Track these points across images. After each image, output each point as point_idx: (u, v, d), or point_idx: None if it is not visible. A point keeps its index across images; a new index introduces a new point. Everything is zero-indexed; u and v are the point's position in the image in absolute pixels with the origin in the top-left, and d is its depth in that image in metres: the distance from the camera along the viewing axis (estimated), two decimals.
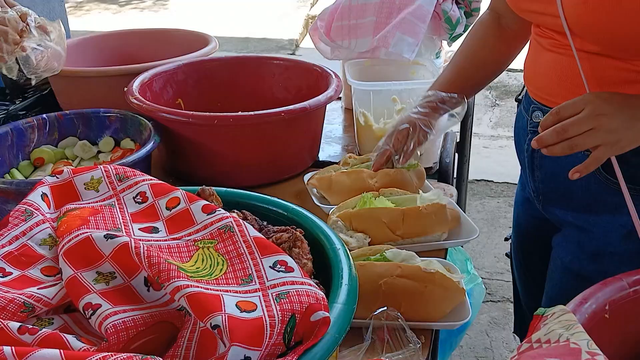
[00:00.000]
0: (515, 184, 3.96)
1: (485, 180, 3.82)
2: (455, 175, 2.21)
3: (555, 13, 1.09)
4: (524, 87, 1.38)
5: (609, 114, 1.02)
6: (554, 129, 1.03)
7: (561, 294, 1.30)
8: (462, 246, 2.21)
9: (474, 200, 3.62)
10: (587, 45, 1.10)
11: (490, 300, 2.90)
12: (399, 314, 0.98)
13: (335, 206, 1.29)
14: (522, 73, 1.34)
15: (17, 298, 0.71)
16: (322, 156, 1.66)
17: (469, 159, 2.36)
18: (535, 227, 1.44)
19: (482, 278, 2.98)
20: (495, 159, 4.04)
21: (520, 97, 1.40)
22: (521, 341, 0.78)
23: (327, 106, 1.59)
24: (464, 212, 2.24)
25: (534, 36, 1.27)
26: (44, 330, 0.67)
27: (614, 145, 1.03)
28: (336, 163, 1.50)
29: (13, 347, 0.62)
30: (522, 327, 1.68)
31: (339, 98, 1.96)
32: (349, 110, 1.90)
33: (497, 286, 2.98)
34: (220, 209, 0.83)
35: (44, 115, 1.49)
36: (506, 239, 1.75)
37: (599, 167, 1.08)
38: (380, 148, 1.40)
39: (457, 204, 1.40)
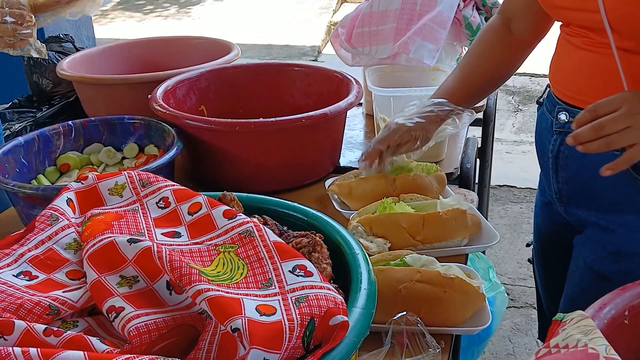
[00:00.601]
0: None
1: (508, 185, 3.80)
2: (477, 181, 2.21)
3: (593, 8, 1.08)
4: (545, 89, 1.37)
5: None
6: (591, 125, 1.03)
7: (581, 295, 1.30)
8: (484, 253, 2.20)
9: (496, 205, 3.60)
10: (625, 42, 1.10)
11: (513, 306, 2.88)
12: (418, 318, 0.99)
13: (356, 211, 1.30)
14: (545, 78, 1.34)
15: (43, 301, 0.73)
16: (343, 162, 1.67)
17: (490, 165, 2.36)
18: (555, 231, 1.43)
19: (504, 284, 2.97)
20: (518, 164, 4.02)
21: (541, 100, 1.39)
22: None
23: (348, 112, 1.60)
24: (486, 218, 2.23)
25: (563, 35, 1.26)
26: (68, 332, 0.69)
27: None
28: (357, 169, 1.51)
29: (38, 349, 0.64)
30: (546, 333, 1.67)
31: (360, 104, 1.97)
32: (370, 116, 1.90)
33: (519, 292, 2.96)
34: (240, 214, 0.85)
35: (70, 122, 1.52)
36: (528, 245, 1.75)
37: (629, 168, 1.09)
38: (372, 145, 1.38)
39: (478, 209, 1.40)
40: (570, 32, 1.22)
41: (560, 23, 1.28)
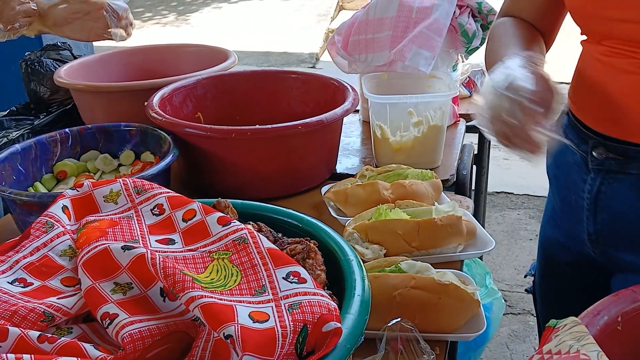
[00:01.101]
0: (536, 196, 3.92)
1: (505, 192, 3.81)
2: (473, 188, 2.22)
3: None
4: (561, 115, 1.22)
5: None
6: None
7: None
8: (481, 259, 2.20)
9: (494, 212, 3.61)
10: None
11: (511, 313, 2.89)
12: (412, 325, 0.99)
13: (352, 218, 1.30)
14: None
15: (38, 307, 0.73)
16: (340, 168, 1.67)
17: (487, 171, 2.36)
18: (578, 271, 1.31)
19: (502, 290, 2.97)
20: (516, 171, 4.03)
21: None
22: None
23: (345, 119, 1.61)
24: (483, 224, 2.22)
25: (594, 56, 1.12)
26: (62, 339, 0.69)
27: None
28: (353, 175, 1.51)
29: (32, 355, 0.64)
30: None
31: (357, 111, 1.98)
32: (366, 123, 1.91)
33: (517, 298, 2.97)
34: (235, 220, 0.85)
35: (67, 130, 1.53)
36: (526, 276, 1.68)
37: None
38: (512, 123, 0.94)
39: (475, 216, 1.40)
40: (609, 51, 1.07)
41: (584, 40, 1.15)
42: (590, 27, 1.12)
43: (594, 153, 1.13)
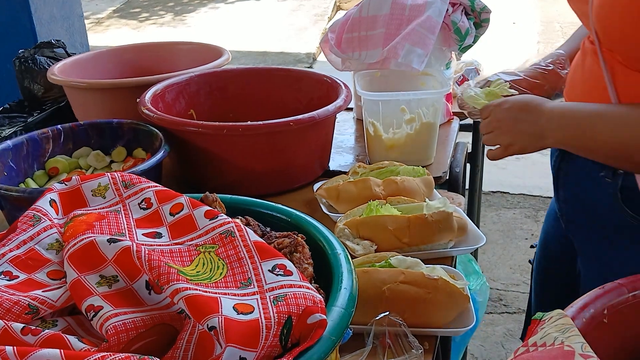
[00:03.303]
0: (532, 196, 3.92)
1: (501, 191, 3.81)
2: (467, 186, 2.21)
3: (588, 12, 1.05)
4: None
5: (502, 119, 1.19)
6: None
7: None
8: (476, 258, 2.20)
9: (489, 211, 3.61)
10: (615, 54, 1.04)
11: (506, 312, 2.89)
12: (400, 319, 0.99)
13: (343, 214, 1.30)
14: None
15: (22, 300, 0.73)
16: (333, 166, 1.67)
17: (481, 169, 2.36)
18: (561, 245, 1.38)
19: (497, 290, 2.98)
20: (512, 170, 4.03)
21: None
22: None
23: (339, 117, 1.61)
24: (478, 223, 2.21)
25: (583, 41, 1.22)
26: (46, 331, 0.69)
27: (509, 146, 1.20)
28: (345, 173, 1.51)
29: (15, 347, 0.64)
30: None
31: (350, 108, 1.98)
32: (360, 121, 1.91)
33: (512, 297, 2.97)
34: (222, 214, 0.85)
35: (59, 126, 1.52)
36: (532, 247, 1.72)
37: (619, 198, 1.09)
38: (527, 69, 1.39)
39: (469, 214, 1.40)
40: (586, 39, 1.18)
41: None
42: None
43: None
